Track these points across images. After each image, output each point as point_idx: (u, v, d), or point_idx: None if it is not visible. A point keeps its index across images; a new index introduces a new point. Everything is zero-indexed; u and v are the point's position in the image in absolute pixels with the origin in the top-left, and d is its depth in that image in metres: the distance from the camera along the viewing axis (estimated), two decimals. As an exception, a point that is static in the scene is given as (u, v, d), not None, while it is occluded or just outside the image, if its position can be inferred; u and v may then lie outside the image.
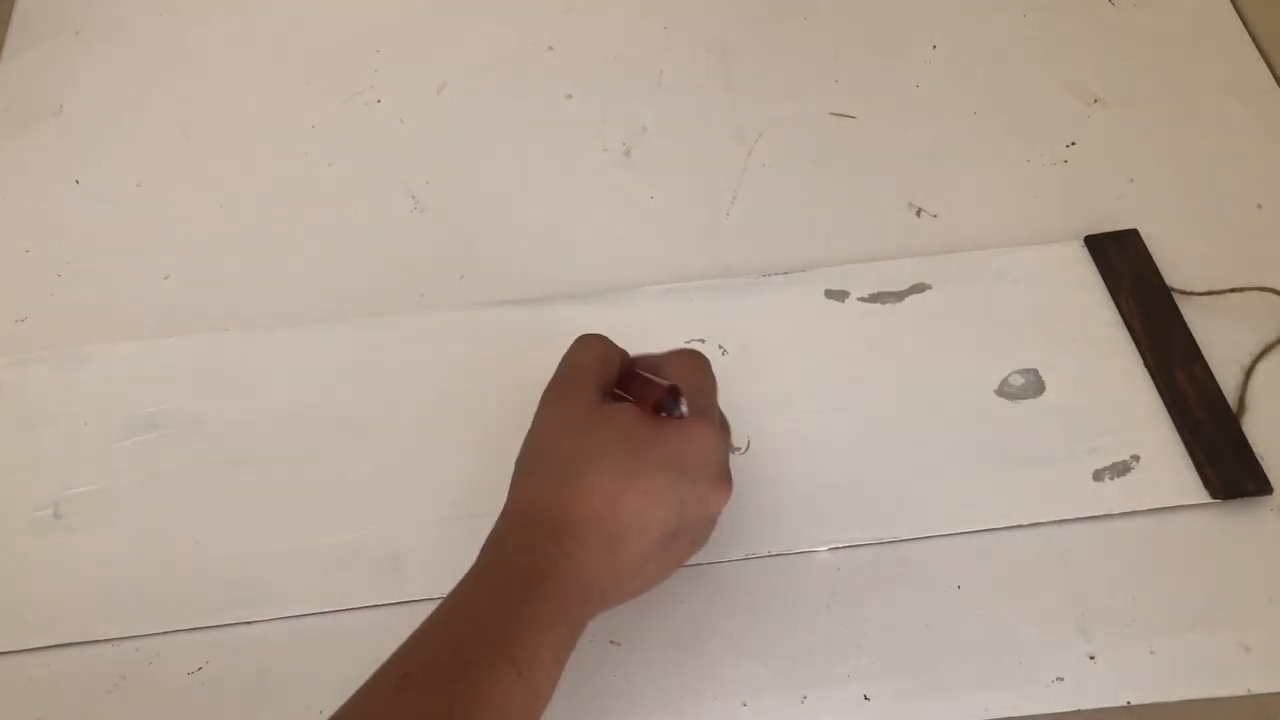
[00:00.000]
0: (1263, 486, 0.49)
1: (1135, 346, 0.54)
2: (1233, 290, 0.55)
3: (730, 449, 0.45)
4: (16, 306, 0.59)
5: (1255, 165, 0.61)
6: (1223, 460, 0.50)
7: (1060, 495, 0.50)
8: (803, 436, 0.52)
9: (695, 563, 0.45)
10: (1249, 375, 0.53)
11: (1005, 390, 0.53)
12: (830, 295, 0.57)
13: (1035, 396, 0.53)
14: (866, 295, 0.56)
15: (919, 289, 0.57)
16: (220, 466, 0.52)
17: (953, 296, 0.56)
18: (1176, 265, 0.56)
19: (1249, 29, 0.67)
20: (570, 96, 0.67)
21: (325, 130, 0.66)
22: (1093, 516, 0.49)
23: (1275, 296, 0.55)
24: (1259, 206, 0.60)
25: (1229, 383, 0.53)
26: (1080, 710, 0.45)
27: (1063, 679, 0.45)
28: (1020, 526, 0.49)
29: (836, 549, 0.49)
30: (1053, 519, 0.49)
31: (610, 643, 0.47)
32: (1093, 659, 0.46)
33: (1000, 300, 0.56)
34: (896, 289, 0.57)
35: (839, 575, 0.48)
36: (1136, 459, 0.50)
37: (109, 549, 0.50)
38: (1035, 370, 0.53)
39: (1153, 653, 0.46)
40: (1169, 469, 0.50)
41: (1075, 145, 0.63)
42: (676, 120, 0.65)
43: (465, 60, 0.69)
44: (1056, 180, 0.61)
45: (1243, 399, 0.52)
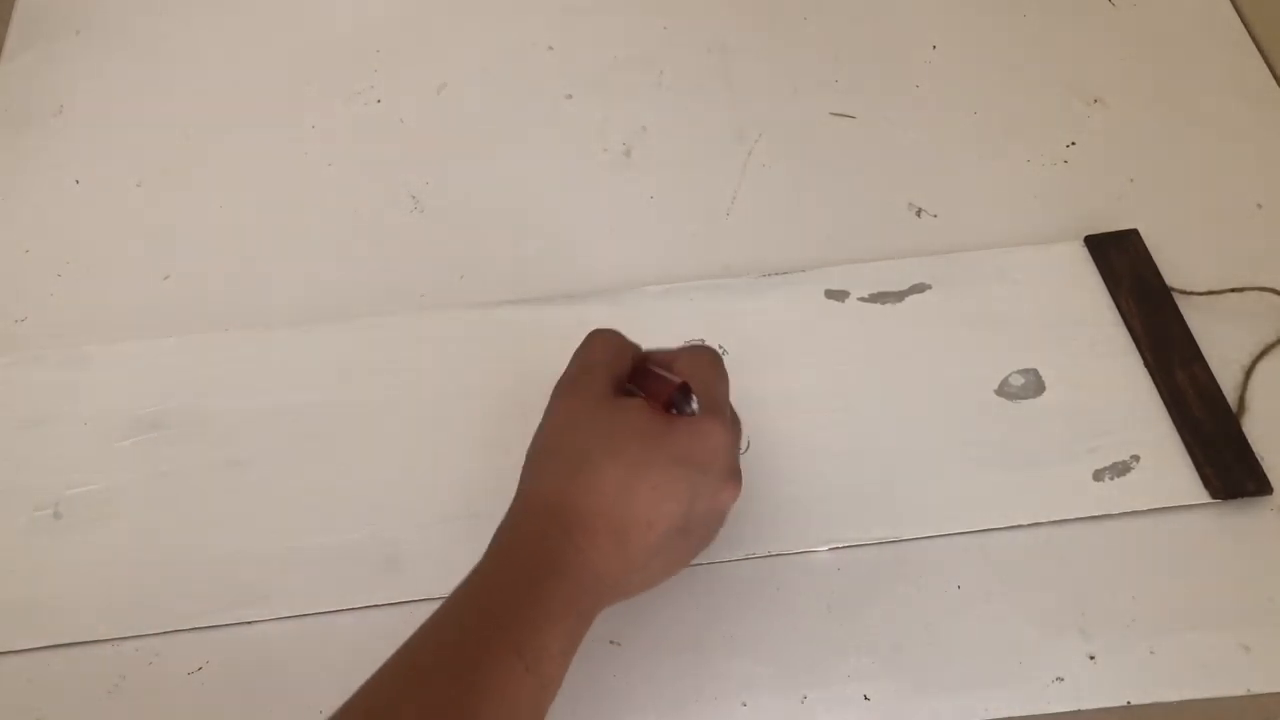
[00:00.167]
0: (1263, 486, 0.49)
1: (1135, 346, 0.54)
2: (1233, 290, 0.55)
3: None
4: (16, 306, 0.59)
5: (1255, 165, 0.61)
6: (1223, 460, 0.50)
7: (1060, 495, 0.50)
8: (803, 436, 0.52)
9: (696, 563, 0.45)
10: (1249, 375, 0.53)
11: (1005, 390, 0.53)
12: (830, 295, 0.57)
13: (1035, 396, 0.53)
14: (866, 295, 0.56)
15: (919, 289, 0.57)
16: (220, 466, 0.52)
17: (953, 296, 0.56)
18: (1176, 265, 0.56)
19: (1249, 29, 0.67)
20: (570, 96, 0.67)
21: (325, 130, 0.66)
22: (1093, 516, 0.49)
23: (1275, 296, 0.55)
24: (1259, 206, 0.60)
25: (1229, 383, 0.53)
26: (1080, 710, 0.45)
27: (1063, 679, 0.45)
28: (1020, 526, 0.49)
29: (836, 549, 0.49)
30: (1053, 519, 0.49)
31: (610, 643, 0.47)
32: (1093, 659, 0.46)
33: (1000, 300, 0.56)
34: (896, 289, 0.57)
35: (839, 575, 0.48)
36: (1136, 459, 0.50)
37: (109, 549, 0.50)
38: (1035, 370, 0.53)
39: (1153, 653, 0.46)
40: (1169, 469, 0.50)
41: (1075, 145, 0.63)
42: (676, 120, 0.65)
43: (465, 60, 0.69)
44: (1056, 180, 0.61)
45: (1243, 399, 0.52)
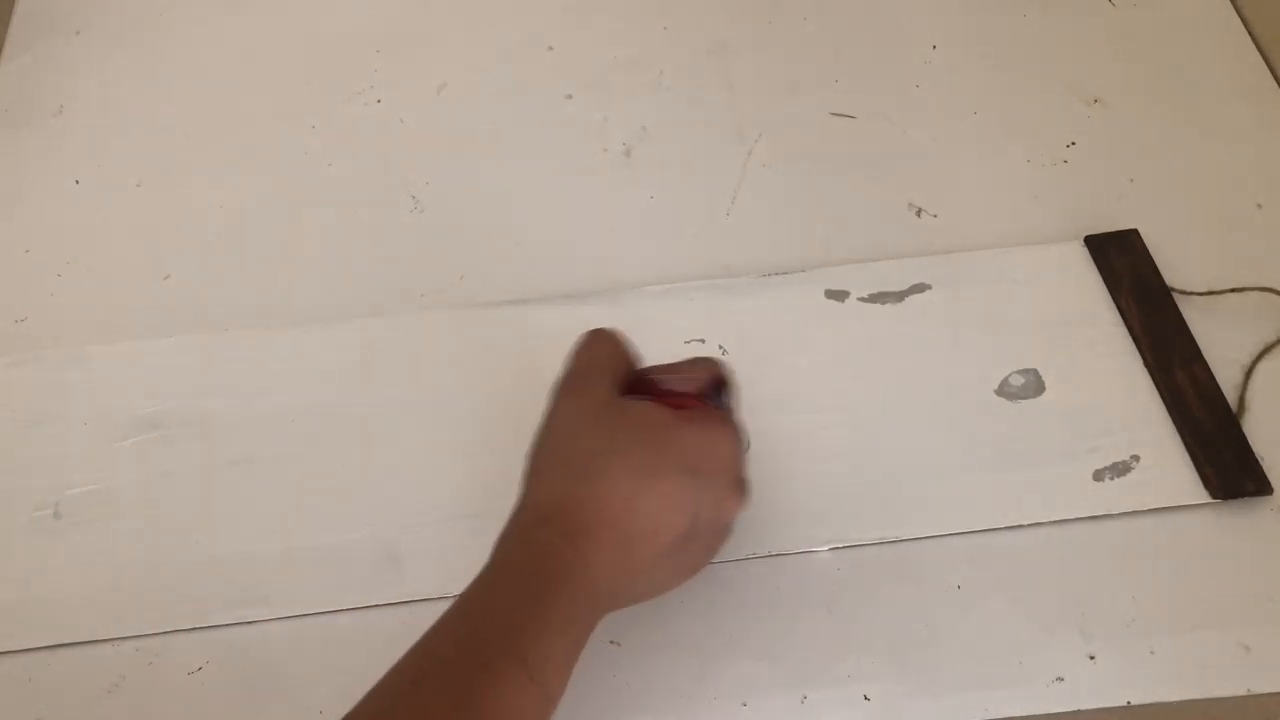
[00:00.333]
0: (1262, 486, 0.49)
1: (1135, 346, 0.54)
2: (1233, 290, 0.55)
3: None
4: (16, 306, 0.59)
5: (1255, 165, 0.61)
6: (1222, 460, 0.50)
7: (1060, 495, 0.50)
8: (803, 436, 0.52)
9: (696, 563, 0.45)
10: (1249, 375, 0.53)
11: (1005, 390, 0.53)
12: (830, 295, 0.57)
13: (1035, 396, 0.53)
14: (866, 295, 0.56)
15: (919, 289, 0.57)
16: (220, 466, 0.52)
17: (953, 296, 0.56)
18: (1176, 265, 0.56)
19: (1249, 29, 0.67)
20: (570, 96, 0.67)
21: (325, 130, 0.66)
22: (1093, 516, 0.49)
23: (1275, 296, 0.55)
24: (1259, 206, 0.59)
25: (1229, 383, 0.53)
26: (1080, 710, 0.45)
27: (1063, 679, 0.45)
28: (1020, 526, 0.49)
29: (836, 549, 0.49)
30: (1053, 519, 0.49)
31: (610, 643, 0.47)
32: (1093, 659, 0.46)
33: (1000, 300, 0.56)
34: (896, 289, 0.57)
35: (839, 575, 0.48)
36: (1136, 459, 0.50)
37: (109, 549, 0.50)
38: (1035, 370, 0.53)
39: (1153, 653, 0.46)
40: (1169, 469, 0.50)
41: (1075, 145, 0.63)
42: (676, 120, 0.65)
43: (465, 60, 0.69)
44: (1056, 180, 0.61)
45: (1243, 399, 0.52)
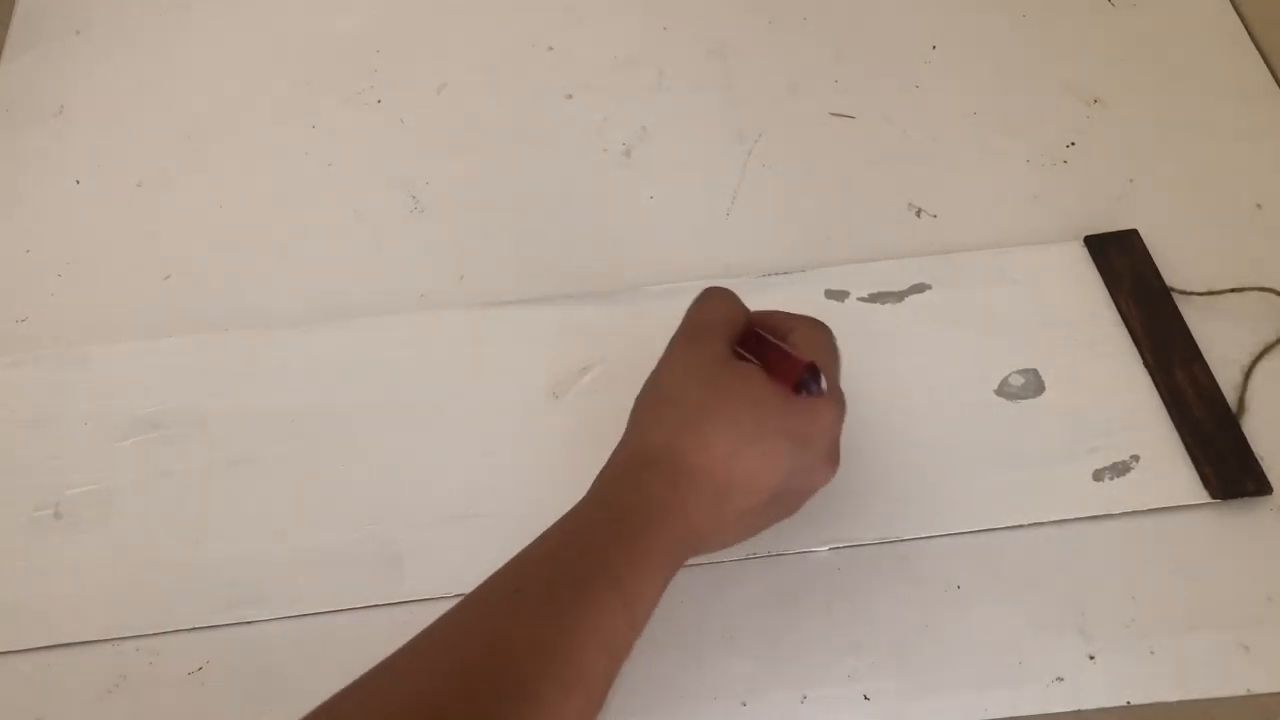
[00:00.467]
0: (1262, 486, 0.49)
1: (1135, 346, 0.54)
2: (1233, 290, 0.55)
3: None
4: (16, 306, 0.59)
5: (1255, 165, 0.61)
6: (1222, 460, 0.50)
7: (1060, 495, 0.50)
8: (803, 436, 0.52)
9: (695, 563, 0.45)
10: (1249, 375, 0.53)
11: (1005, 390, 0.53)
12: (830, 295, 0.57)
13: (1035, 396, 0.53)
14: (866, 295, 0.56)
15: (919, 289, 0.57)
16: (220, 466, 0.52)
17: (953, 296, 0.56)
18: (1176, 265, 0.56)
19: (1249, 29, 0.67)
20: (570, 96, 0.67)
21: (325, 130, 0.66)
22: (1093, 516, 0.49)
23: (1275, 296, 0.55)
24: (1259, 206, 0.59)
25: (1229, 383, 0.53)
26: (1080, 710, 0.45)
27: (1062, 679, 0.45)
28: (1020, 526, 0.49)
29: (836, 549, 0.49)
30: (1053, 519, 0.49)
31: (610, 643, 0.47)
32: (1093, 659, 0.46)
33: (1000, 300, 0.56)
34: (896, 289, 0.57)
35: (839, 575, 0.48)
36: (1136, 459, 0.50)
37: (109, 549, 0.50)
38: (1035, 370, 0.53)
39: (1153, 653, 0.46)
40: (1169, 469, 0.50)
41: (1075, 145, 0.63)
42: (676, 120, 0.65)
43: (465, 60, 0.69)
44: (1056, 180, 0.61)
45: (1242, 399, 0.52)
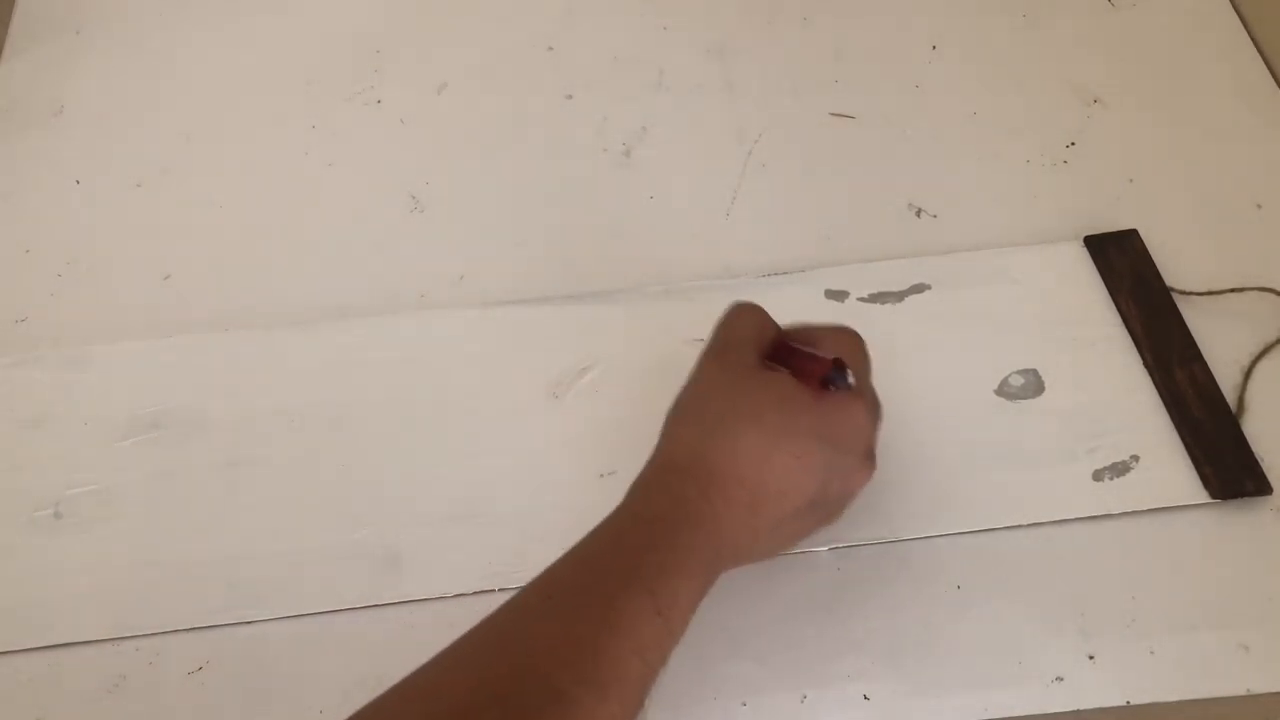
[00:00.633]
0: (1262, 486, 0.49)
1: (1135, 346, 0.54)
2: (1232, 290, 0.55)
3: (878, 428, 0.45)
4: (16, 306, 0.59)
5: (1255, 165, 0.61)
6: (1222, 460, 0.50)
7: (1060, 495, 0.50)
8: (803, 436, 0.52)
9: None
10: (1249, 375, 0.53)
11: (1005, 390, 0.53)
12: (830, 295, 0.57)
13: (1035, 396, 0.53)
14: (866, 295, 0.56)
15: (919, 289, 0.57)
16: (220, 466, 0.52)
17: (952, 296, 0.56)
18: (1176, 265, 0.56)
19: (1249, 29, 0.67)
20: (570, 96, 0.67)
21: (325, 130, 0.66)
22: (1093, 516, 0.49)
23: (1275, 296, 0.55)
24: (1259, 206, 0.59)
25: (1229, 383, 0.53)
26: (1080, 710, 0.45)
27: (1062, 679, 0.45)
28: (1020, 526, 0.49)
29: (836, 549, 0.49)
30: (1053, 519, 0.49)
31: (610, 643, 0.47)
32: (1092, 659, 0.46)
33: (1000, 300, 0.56)
34: (896, 289, 0.57)
35: (839, 575, 0.48)
36: (1136, 459, 0.50)
37: (109, 549, 0.50)
38: (1035, 370, 0.53)
39: (1153, 653, 0.46)
40: (1168, 469, 0.50)
41: (1075, 145, 0.63)
42: (676, 120, 0.65)
43: (465, 60, 0.69)
44: (1056, 180, 0.61)
45: (1242, 399, 0.52)
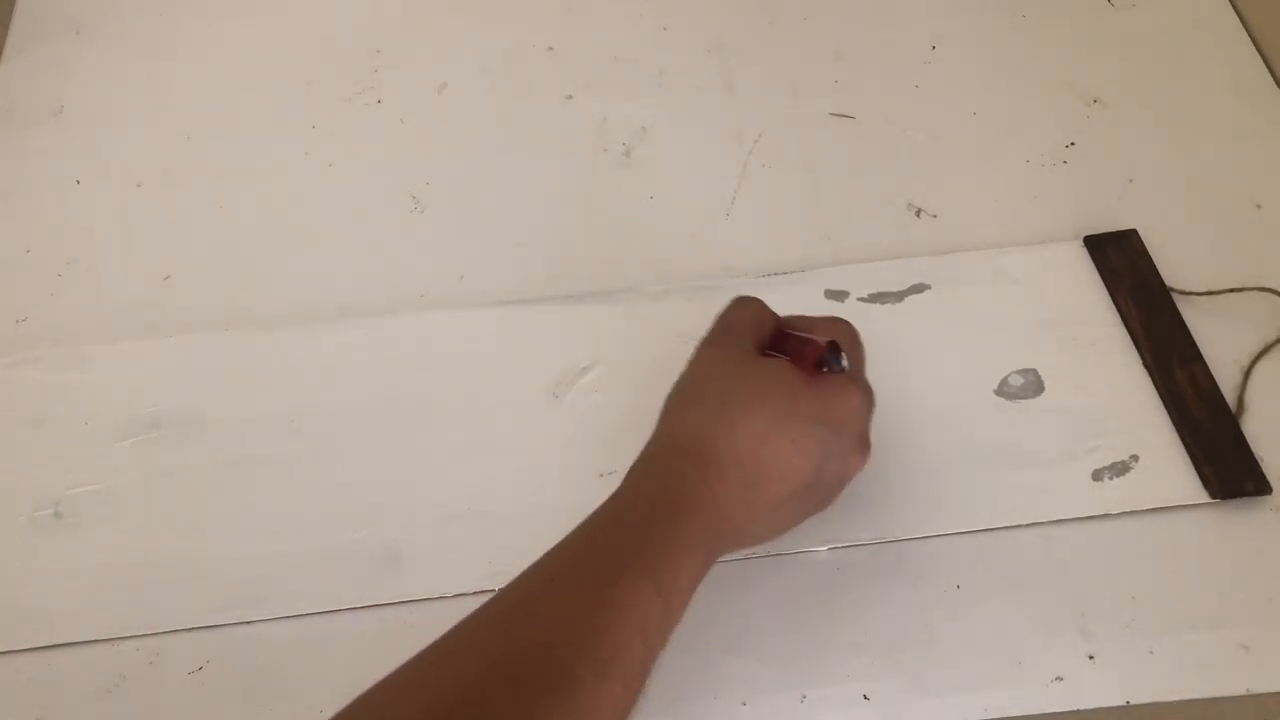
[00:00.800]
0: (1262, 486, 0.49)
1: (1135, 346, 0.54)
2: (1232, 290, 0.55)
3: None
4: (17, 306, 0.59)
5: (1255, 165, 0.61)
6: (1222, 460, 0.50)
7: (1060, 495, 0.50)
8: (802, 436, 0.52)
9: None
10: (1248, 375, 0.53)
11: (1005, 390, 0.53)
12: (830, 295, 0.57)
13: (1035, 396, 0.53)
14: (866, 295, 0.56)
15: (919, 289, 0.57)
16: (220, 466, 0.52)
17: (952, 296, 0.56)
18: (1176, 265, 0.56)
19: (1249, 29, 0.67)
20: (570, 96, 0.67)
21: (325, 130, 0.66)
22: (1092, 516, 0.49)
23: (1275, 296, 0.55)
24: (1259, 206, 0.60)
25: (1228, 383, 0.53)
26: (1080, 710, 0.45)
27: (1062, 679, 0.45)
28: (1020, 526, 0.49)
29: (836, 549, 0.49)
30: (1053, 519, 0.49)
31: (610, 643, 0.47)
32: (1092, 659, 0.46)
33: (1000, 300, 0.56)
34: (896, 289, 0.57)
35: (839, 575, 0.48)
36: (1136, 459, 0.50)
37: (109, 549, 0.50)
38: (1035, 370, 0.53)
39: (1152, 653, 0.46)
40: (1168, 469, 0.50)
41: (1075, 145, 0.63)
42: (676, 120, 0.65)
43: (465, 60, 0.69)
44: (1056, 180, 0.61)
45: (1242, 399, 0.52)
